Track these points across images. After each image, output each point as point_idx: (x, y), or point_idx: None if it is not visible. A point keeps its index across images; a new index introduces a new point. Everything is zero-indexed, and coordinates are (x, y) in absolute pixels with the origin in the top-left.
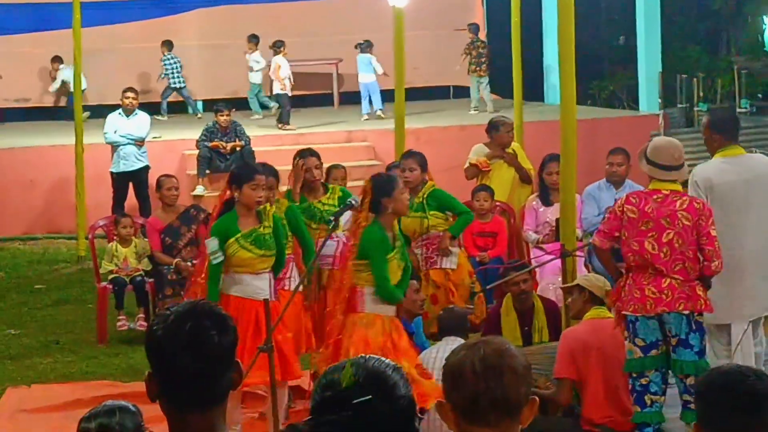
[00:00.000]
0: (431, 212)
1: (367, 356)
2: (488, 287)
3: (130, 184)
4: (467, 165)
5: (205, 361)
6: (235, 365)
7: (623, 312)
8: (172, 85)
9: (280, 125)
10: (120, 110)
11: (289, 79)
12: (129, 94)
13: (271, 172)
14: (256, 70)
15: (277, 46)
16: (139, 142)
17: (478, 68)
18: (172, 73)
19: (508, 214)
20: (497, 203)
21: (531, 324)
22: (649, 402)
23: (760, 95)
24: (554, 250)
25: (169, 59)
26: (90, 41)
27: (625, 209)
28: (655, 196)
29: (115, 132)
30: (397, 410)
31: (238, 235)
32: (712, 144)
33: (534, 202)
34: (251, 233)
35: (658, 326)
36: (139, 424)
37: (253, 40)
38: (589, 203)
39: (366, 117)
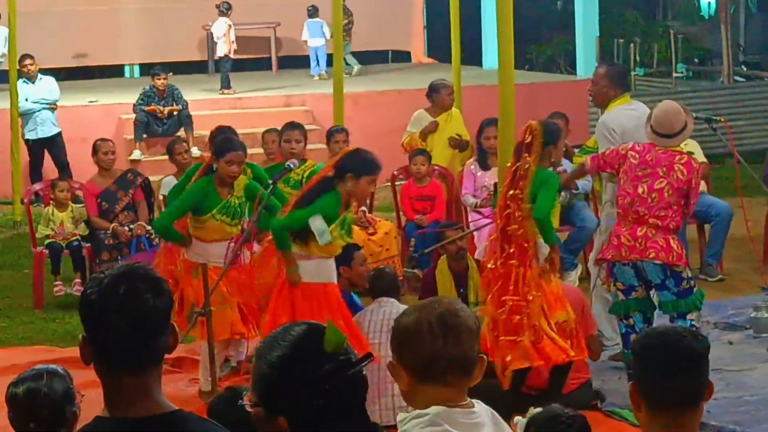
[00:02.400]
0: None
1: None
2: (426, 251)
3: (45, 151)
4: (407, 138)
5: (140, 325)
6: (171, 328)
7: (603, 258)
8: None
9: (222, 90)
10: (23, 79)
11: (233, 42)
12: (27, 61)
13: (243, 147)
14: None
15: (225, 8)
16: (54, 106)
17: (345, 34)
18: None
19: (446, 178)
20: (435, 167)
21: (466, 285)
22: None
23: (696, 60)
24: (491, 214)
25: None
26: (26, 3)
27: (629, 154)
28: (658, 148)
29: (26, 100)
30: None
31: (214, 211)
32: (608, 94)
33: (472, 167)
34: (225, 204)
35: (634, 273)
36: (69, 387)
37: None
38: None
39: (317, 78)
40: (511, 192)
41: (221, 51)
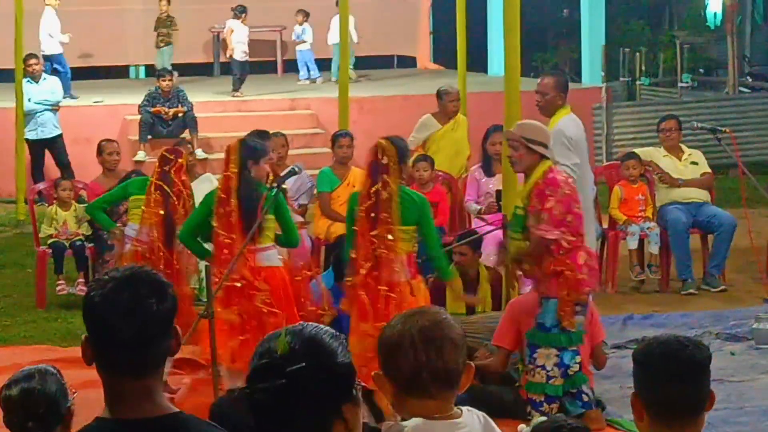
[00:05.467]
0: None
1: (305, 324)
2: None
3: (46, 151)
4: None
5: (143, 329)
6: (173, 331)
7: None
8: None
9: (234, 93)
10: (27, 78)
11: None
12: (31, 60)
13: None
14: None
15: (239, 11)
16: (56, 107)
17: (166, 38)
18: None
19: (450, 184)
20: (439, 173)
21: (475, 293)
22: None
23: (701, 70)
24: (496, 220)
25: None
26: (32, 2)
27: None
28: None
29: (29, 100)
30: (333, 377)
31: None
32: (556, 103)
33: (476, 173)
34: None
35: None
36: (62, 383)
37: None
38: None
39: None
40: (381, 215)
41: (236, 55)
